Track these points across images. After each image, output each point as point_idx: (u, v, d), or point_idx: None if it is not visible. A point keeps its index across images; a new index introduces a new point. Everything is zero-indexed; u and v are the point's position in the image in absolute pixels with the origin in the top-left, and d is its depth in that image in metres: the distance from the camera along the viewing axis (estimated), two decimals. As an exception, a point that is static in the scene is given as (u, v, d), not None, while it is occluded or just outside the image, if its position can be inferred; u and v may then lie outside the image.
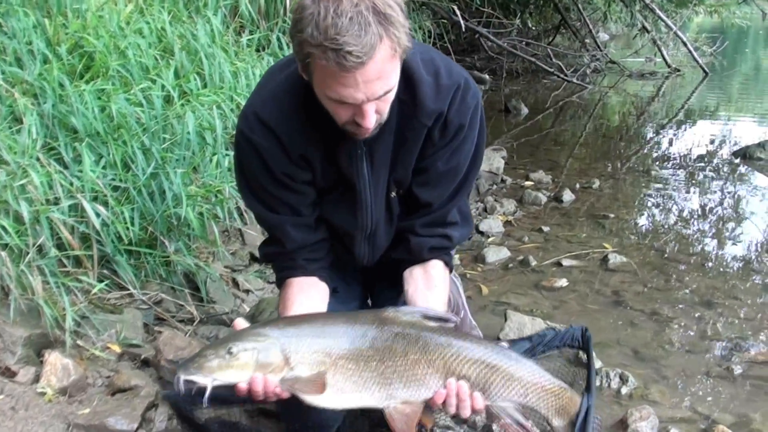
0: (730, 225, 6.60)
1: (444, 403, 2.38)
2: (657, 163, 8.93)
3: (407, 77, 2.44)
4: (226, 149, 4.69)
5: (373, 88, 2.16)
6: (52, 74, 4.17)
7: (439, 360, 2.38)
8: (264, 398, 2.34)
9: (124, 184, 4.06)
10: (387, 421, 2.40)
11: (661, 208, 7.21)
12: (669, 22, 15.32)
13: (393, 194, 2.74)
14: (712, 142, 10.18)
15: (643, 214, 6.99)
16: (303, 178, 2.63)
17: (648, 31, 15.77)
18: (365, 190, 2.67)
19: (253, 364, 2.29)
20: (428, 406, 2.43)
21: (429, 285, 2.76)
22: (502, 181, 7.61)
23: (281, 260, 2.83)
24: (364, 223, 2.77)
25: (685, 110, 12.76)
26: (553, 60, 14.96)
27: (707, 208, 7.09)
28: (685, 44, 15.84)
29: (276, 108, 2.53)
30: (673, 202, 7.35)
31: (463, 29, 10.84)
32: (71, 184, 3.80)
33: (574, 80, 14.38)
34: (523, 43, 15.18)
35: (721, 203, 7.28)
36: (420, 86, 2.48)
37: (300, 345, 2.33)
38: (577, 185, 7.51)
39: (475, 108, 2.60)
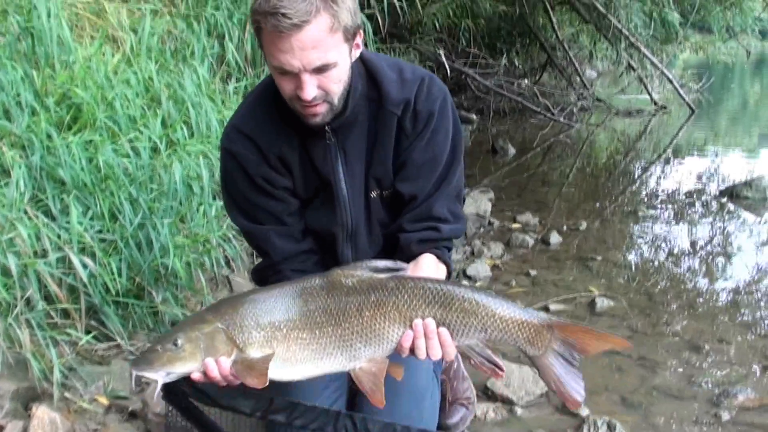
0: (718, 266, 6.62)
1: (413, 346, 2.36)
2: (644, 202, 8.96)
3: (372, 76, 2.66)
4: (213, 198, 4.72)
5: (308, 57, 2.30)
6: (40, 126, 4.19)
7: (394, 311, 2.35)
8: (225, 383, 2.33)
9: (111, 236, 4.07)
10: (356, 382, 2.40)
11: (648, 249, 7.22)
12: (655, 60, 15.42)
13: (373, 194, 2.79)
14: (699, 179, 10.23)
15: (630, 256, 6.99)
16: (282, 183, 2.73)
17: (634, 69, 15.88)
18: (341, 185, 2.74)
19: (200, 353, 2.28)
20: (395, 356, 2.42)
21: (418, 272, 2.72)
22: (490, 223, 7.62)
23: (269, 273, 2.84)
24: (343, 220, 2.80)
25: (673, 147, 12.84)
26: (540, 99, 15.04)
27: (694, 250, 7.10)
28: (671, 82, 15.94)
29: (251, 117, 2.73)
30: (660, 243, 7.37)
31: (449, 72, 10.86)
32: (59, 236, 3.81)
33: (561, 119, 14.45)
34: (510, 82, 15.25)
35: (708, 244, 7.30)
36: (384, 81, 2.66)
37: (244, 325, 2.32)
38: (565, 227, 7.53)
39: (443, 99, 2.71)
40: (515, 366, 4.19)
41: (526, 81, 16.22)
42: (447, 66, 11.04)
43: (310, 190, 2.79)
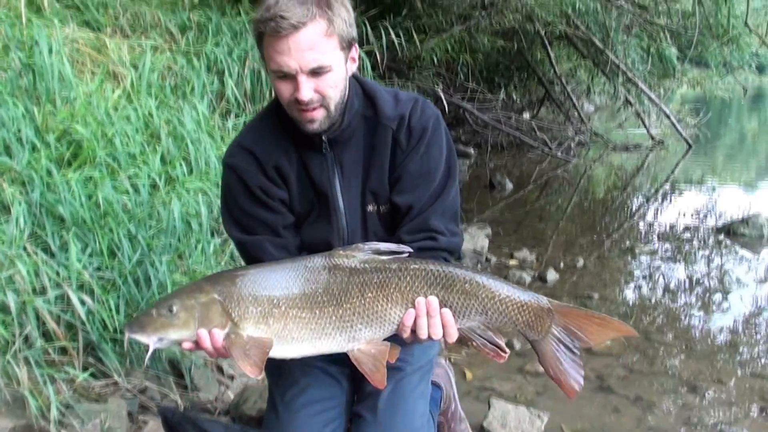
0: (715, 305, 6.62)
1: (415, 326, 2.37)
2: (641, 239, 9.00)
3: (368, 95, 2.78)
4: (212, 235, 4.74)
5: (305, 58, 2.43)
6: (41, 163, 4.19)
7: (397, 292, 2.37)
8: (217, 355, 2.34)
9: (110, 273, 4.08)
10: (354, 364, 2.40)
11: (645, 287, 7.23)
12: (652, 95, 15.50)
13: (370, 208, 2.81)
14: (696, 215, 10.27)
15: (627, 294, 7.01)
16: (279, 195, 2.76)
17: (631, 104, 15.95)
18: (337, 198, 2.78)
19: (193, 322, 2.29)
20: (391, 339, 2.43)
21: None
22: (487, 260, 7.63)
23: None
24: (339, 233, 2.81)
25: (670, 182, 12.88)
26: (538, 133, 15.11)
27: (691, 288, 7.11)
28: (668, 117, 16.01)
29: (253, 133, 2.83)
30: (657, 281, 7.38)
31: (446, 107, 10.90)
32: (57, 273, 3.82)
33: (559, 154, 14.52)
34: (508, 116, 15.31)
35: (705, 282, 7.30)
36: (380, 100, 2.77)
37: (241, 299, 2.33)
38: (562, 263, 7.54)
39: (436, 119, 2.79)
40: (511, 406, 4.19)
41: (527, 115, 16.31)
42: (445, 100, 11.09)
43: (306, 203, 2.82)
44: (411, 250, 2.50)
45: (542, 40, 15.05)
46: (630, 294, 7.03)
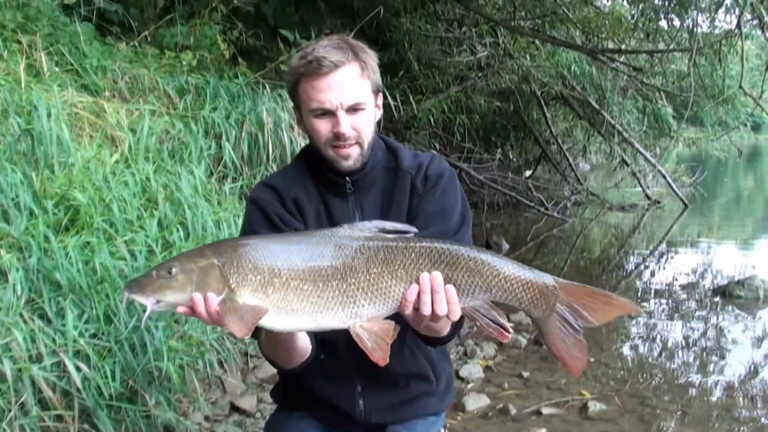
0: (712, 368, 6.62)
1: (418, 303, 2.34)
2: (637, 300, 8.98)
3: (391, 150, 2.89)
4: (208, 301, 4.73)
5: (344, 93, 2.61)
6: (38, 229, 4.21)
7: (401, 269, 2.35)
8: (210, 321, 2.31)
9: (105, 339, 4.08)
10: (355, 340, 2.36)
11: (640, 350, 7.23)
12: (648, 156, 15.60)
13: None
14: (693, 275, 10.33)
15: (622, 357, 6.99)
16: (294, 225, 2.77)
17: (627, 164, 16.02)
18: None
19: (190, 286, 2.27)
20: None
21: None
22: (483, 322, 7.60)
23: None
24: None
25: (666, 242, 12.93)
26: (534, 193, 15.17)
27: (687, 351, 7.12)
28: (664, 177, 16.10)
29: (278, 174, 3.03)
30: (652, 344, 7.39)
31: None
32: (54, 340, 3.82)
33: (555, 214, 14.56)
34: (504, 176, 15.38)
35: (701, 345, 7.31)
36: (400, 153, 2.88)
37: (241, 266, 2.31)
38: (558, 326, 7.51)
39: (451, 172, 2.88)
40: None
41: (526, 173, 16.36)
42: (441, 157, 11.11)
43: None
44: (416, 230, 2.51)
45: (538, 101, 15.15)
46: (625, 357, 7.02)
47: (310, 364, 2.77)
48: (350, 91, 2.62)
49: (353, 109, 2.63)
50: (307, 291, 2.33)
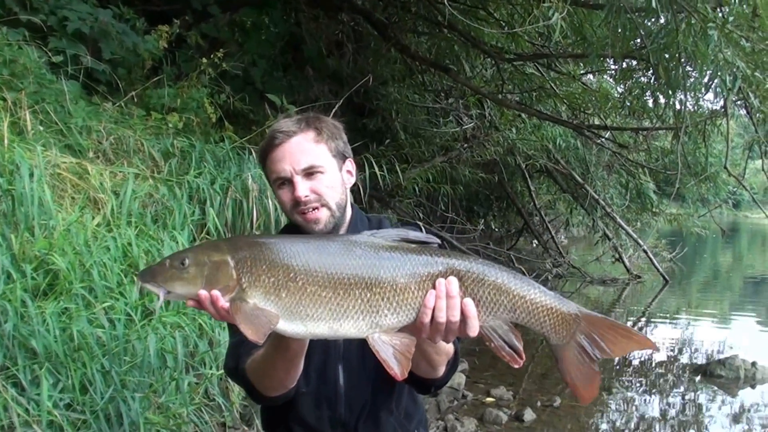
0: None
1: (434, 310, 2.29)
2: (618, 378, 8.94)
3: (374, 222, 2.91)
4: (187, 371, 4.66)
5: (296, 158, 2.66)
6: (16, 293, 4.14)
7: (429, 282, 2.31)
8: (219, 317, 2.27)
9: (81, 408, 4.00)
10: (372, 350, 2.30)
11: (621, 429, 7.17)
12: (630, 231, 15.68)
13: None
14: (673, 352, 10.33)
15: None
16: None
17: (609, 239, 16.08)
18: None
19: (201, 280, 2.22)
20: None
21: None
22: (463, 396, 7.56)
23: (246, 346, 2.66)
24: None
25: (646, 318, 12.92)
26: (516, 265, 15.15)
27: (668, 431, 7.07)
28: (645, 252, 16.16)
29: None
30: (634, 423, 7.33)
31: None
32: (27, 411, 3.74)
33: (536, 287, 14.53)
34: (486, 245, 15.39)
35: (682, 425, 7.26)
36: (384, 223, 2.91)
37: (255, 266, 2.26)
38: (539, 403, 7.48)
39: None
40: None
41: (510, 243, 16.38)
42: (424, 230, 11.12)
43: None
44: (439, 241, 2.49)
45: (523, 173, 15.25)
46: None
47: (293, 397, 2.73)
48: (303, 156, 2.66)
49: (309, 174, 2.66)
50: (325, 298, 2.28)
